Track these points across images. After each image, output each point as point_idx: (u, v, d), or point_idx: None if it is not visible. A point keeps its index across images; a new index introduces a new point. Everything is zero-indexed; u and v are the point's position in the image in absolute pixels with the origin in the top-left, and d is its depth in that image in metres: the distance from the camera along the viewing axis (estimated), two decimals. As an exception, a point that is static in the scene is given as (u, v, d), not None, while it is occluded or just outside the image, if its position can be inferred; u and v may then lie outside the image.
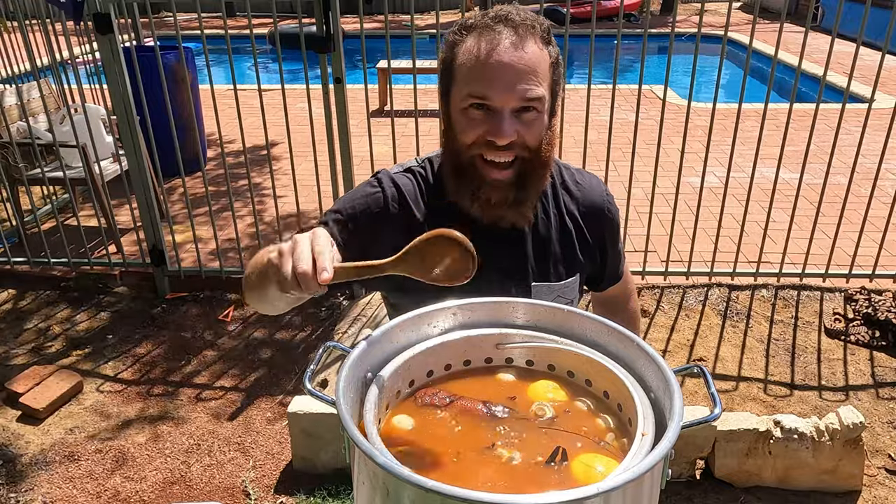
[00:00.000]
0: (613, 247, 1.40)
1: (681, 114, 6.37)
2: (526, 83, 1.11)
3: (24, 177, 3.95)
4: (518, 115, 1.14)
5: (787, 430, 2.45)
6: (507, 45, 1.11)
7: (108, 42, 3.33)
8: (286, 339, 3.51)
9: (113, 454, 2.77)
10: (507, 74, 1.11)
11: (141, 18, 5.49)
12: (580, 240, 1.33)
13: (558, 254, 1.30)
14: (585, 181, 1.36)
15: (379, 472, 0.84)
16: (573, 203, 1.33)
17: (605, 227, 1.36)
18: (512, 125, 1.13)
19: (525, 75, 1.11)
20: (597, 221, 1.34)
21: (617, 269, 1.46)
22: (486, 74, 1.12)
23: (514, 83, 1.11)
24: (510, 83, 1.11)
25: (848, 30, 7.72)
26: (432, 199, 1.27)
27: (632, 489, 0.84)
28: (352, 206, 1.27)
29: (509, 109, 1.13)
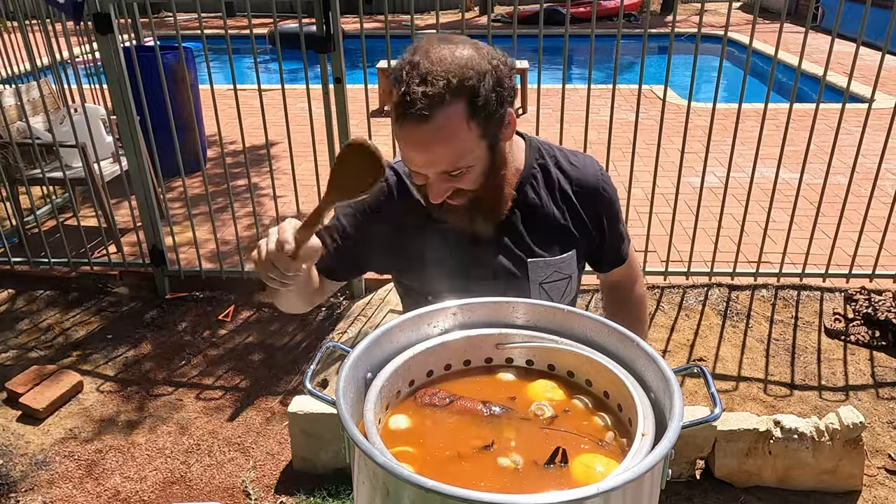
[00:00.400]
0: (611, 225, 1.43)
1: (681, 114, 6.36)
2: (438, 161, 1.14)
3: (24, 177, 3.95)
4: (446, 175, 1.17)
5: (787, 430, 2.45)
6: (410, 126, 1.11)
7: (108, 42, 3.33)
8: (286, 339, 3.51)
9: (113, 454, 2.77)
10: (418, 159, 1.15)
11: (141, 18, 5.49)
12: (574, 217, 1.36)
13: (552, 231, 1.34)
14: (579, 161, 1.39)
15: (379, 472, 0.84)
16: (567, 182, 1.36)
17: (601, 206, 1.39)
18: (441, 187, 1.18)
19: (435, 156, 1.14)
20: (591, 200, 1.38)
21: (618, 250, 1.48)
22: (405, 156, 1.17)
23: (428, 164, 1.15)
24: (424, 165, 1.15)
25: (848, 30, 7.72)
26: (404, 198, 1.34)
27: (632, 489, 0.84)
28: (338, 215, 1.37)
29: (434, 176, 1.17)
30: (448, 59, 1.11)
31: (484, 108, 1.13)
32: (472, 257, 1.32)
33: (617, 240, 1.46)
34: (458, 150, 1.14)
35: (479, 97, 1.12)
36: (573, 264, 1.38)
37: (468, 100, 1.11)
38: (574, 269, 1.39)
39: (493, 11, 13.20)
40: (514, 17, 3.08)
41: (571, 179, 1.37)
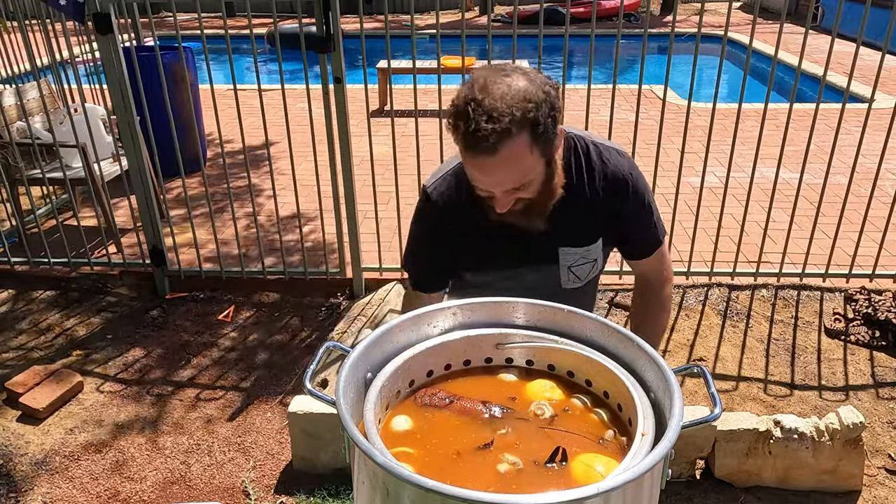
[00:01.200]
0: (638, 220, 1.53)
1: (681, 114, 6.36)
2: (506, 182, 1.27)
3: (24, 177, 3.95)
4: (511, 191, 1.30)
5: (787, 430, 2.45)
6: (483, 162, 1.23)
7: (108, 42, 3.33)
8: (286, 339, 3.51)
9: (113, 454, 2.77)
10: (488, 181, 1.28)
11: (141, 18, 5.49)
12: (600, 210, 1.47)
13: (581, 223, 1.47)
14: (612, 158, 1.48)
15: (379, 472, 0.84)
16: (597, 176, 1.46)
17: (627, 201, 1.48)
18: (506, 198, 1.31)
19: (503, 178, 1.26)
20: (617, 195, 1.47)
21: (645, 244, 1.58)
22: (475, 179, 1.30)
23: (497, 184, 1.28)
24: (493, 185, 1.29)
25: (848, 30, 7.72)
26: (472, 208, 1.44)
27: (632, 489, 0.84)
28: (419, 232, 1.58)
29: (500, 193, 1.30)
30: (508, 94, 1.20)
31: (543, 133, 1.24)
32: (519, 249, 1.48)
33: (643, 233, 1.56)
34: (522, 172, 1.27)
35: (539, 125, 1.23)
36: (598, 250, 1.51)
37: (530, 129, 1.22)
38: (599, 254, 1.52)
39: (493, 11, 13.19)
40: (514, 17, 3.08)
41: (601, 175, 1.46)
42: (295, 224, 4.44)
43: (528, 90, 1.22)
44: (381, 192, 4.22)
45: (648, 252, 1.59)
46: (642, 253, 1.60)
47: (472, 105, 1.20)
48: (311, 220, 4.51)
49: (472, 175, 1.30)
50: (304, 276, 3.83)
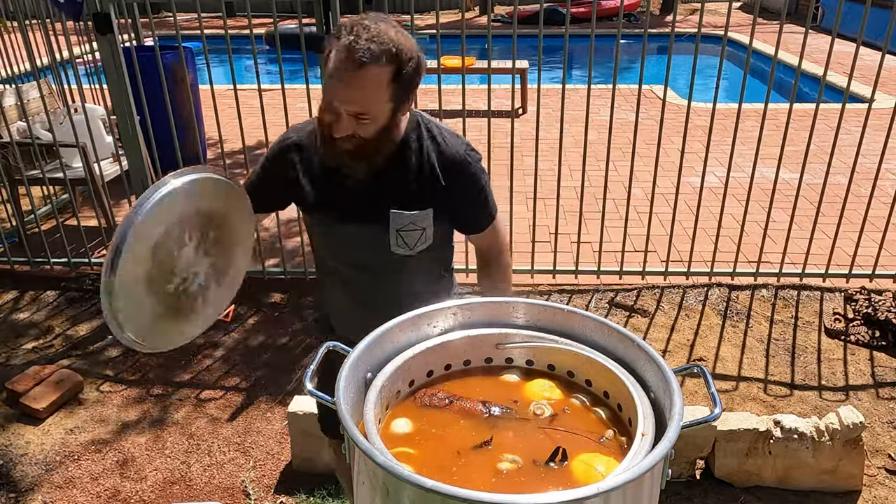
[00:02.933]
0: (469, 198, 1.65)
1: (681, 114, 6.36)
2: (355, 103, 1.42)
3: (24, 177, 3.95)
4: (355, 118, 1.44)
5: (787, 430, 2.45)
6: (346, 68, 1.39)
7: (108, 42, 3.33)
8: (286, 339, 3.51)
9: (113, 454, 2.77)
10: (342, 93, 1.42)
11: (141, 18, 5.49)
12: (434, 183, 1.59)
13: (414, 190, 1.59)
14: (450, 141, 1.63)
15: (379, 472, 0.84)
16: (434, 154, 1.61)
17: (460, 180, 1.61)
18: (347, 124, 1.45)
19: (356, 97, 1.42)
20: (451, 174, 1.60)
21: (475, 220, 1.70)
22: (330, 86, 1.44)
23: (347, 100, 1.42)
24: (344, 99, 1.43)
25: (848, 30, 7.71)
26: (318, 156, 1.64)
27: (632, 489, 0.84)
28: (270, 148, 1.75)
29: (346, 114, 1.44)
30: (392, 34, 1.41)
31: (402, 82, 1.44)
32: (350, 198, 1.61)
33: (476, 212, 1.69)
34: (371, 100, 1.43)
35: (404, 72, 1.42)
36: (428, 220, 1.61)
37: (395, 70, 1.41)
38: (429, 225, 1.62)
39: (493, 11, 13.19)
40: (514, 17, 3.08)
41: (439, 153, 1.61)
42: (294, 224, 4.44)
43: (408, 44, 1.43)
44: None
45: (482, 228, 1.71)
46: (475, 228, 1.71)
47: (361, 27, 1.39)
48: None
49: (329, 90, 1.44)
50: (305, 276, 3.82)
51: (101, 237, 4.15)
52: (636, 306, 3.60)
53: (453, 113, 6.75)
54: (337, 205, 1.63)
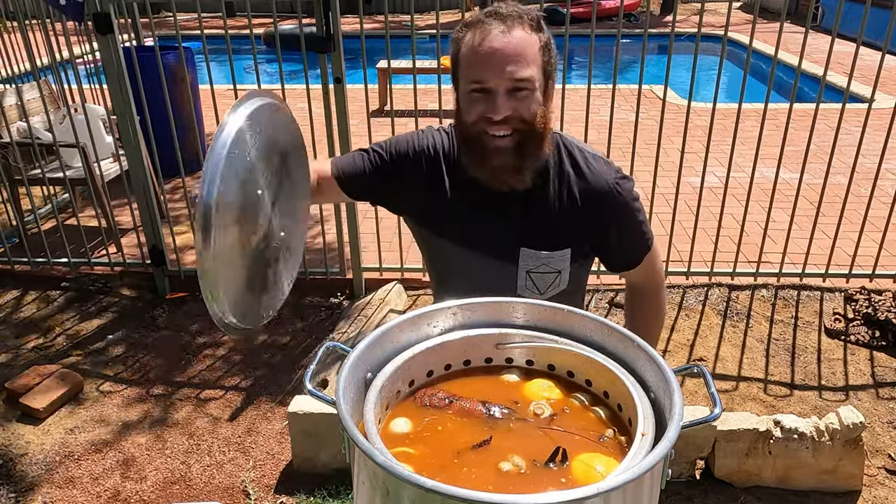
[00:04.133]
0: (621, 231, 1.44)
1: (681, 114, 6.35)
2: (514, 65, 1.26)
3: (25, 177, 3.95)
4: (512, 94, 1.28)
5: (787, 430, 2.45)
6: (496, 33, 1.27)
7: (108, 42, 3.33)
8: (286, 339, 3.51)
9: (113, 454, 2.77)
10: (497, 59, 1.26)
11: (141, 18, 5.49)
12: (575, 217, 1.40)
13: (550, 227, 1.39)
14: (595, 165, 1.42)
15: (379, 472, 0.84)
16: (576, 182, 1.40)
17: (608, 211, 1.41)
18: (506, 103, 1.28)
19: (513, 58, 1.26)
20: (597, 203, 1.40)
21: (630, 255, 1.50)
22: (480, 61, 1.28)
23: (504, 66, 1.26)
24: (500, 67, 1.26)
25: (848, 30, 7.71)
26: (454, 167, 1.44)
27: (632, 489, 0.84)
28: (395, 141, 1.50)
29: (503, 89, 1.27)
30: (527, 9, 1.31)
31: (547, 51, 1.31)
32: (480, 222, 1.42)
33: (627, 245, 1.47)
34: (530, 60, 1.28)
35: (546, 44, 1.31)
36: (565, 262, 1.42)
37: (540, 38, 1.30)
38: (565, 266, 1.42)
39: (493, 11, 13.14)
40: (514, 17, 3.08)
41: (581, 180, 1.40)
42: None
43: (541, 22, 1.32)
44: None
45: (631, 265, 1.51)
46: (624, 265, 1.52)
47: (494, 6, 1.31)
48: (311, 219, 4.51)
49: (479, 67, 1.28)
50: (305, 276, 3.83)
51: (101, 237, 4.15)
52: (636, 306, 3.60)
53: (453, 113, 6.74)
54: (463, 229, 1.42)
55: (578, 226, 1.40)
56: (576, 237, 1.41)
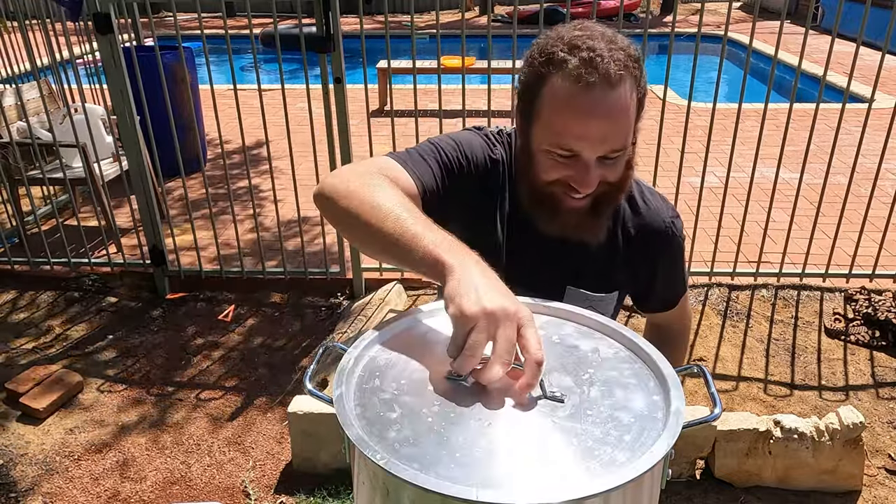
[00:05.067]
0: (666, 272, 1.33)
1: (681, 114, 6.36)
2: (614, 137, 1.06)
3: (24, 177, 3.95)
4: (602, 160, 1.08)
5: (787, 430, 2.45)
6: (599, 97, 1.02)
7: (108, 42, 3.33)
8: (286, 339, 3.51)
9: (113, 454, 2.77)
10: (596, 132, 1.05)
11: (141, 18, 5.49)
12: (626, 257, 1.27)
13: (600, 266, 1.26)
14: (652, 202, 1.29)
15: (379, 472, 0.84)
16: (631, 220, 1.27)
17: (659, 253, 1.30)
18: (597, 174, 1.08)
19: (614, 129, 1.05)
20: (651, 243, 1.28)
21: (670, 295, 1.40)
22: (575, 132, 1.05)
23: (604, 139, 1.05)
24: (599, 140, 1.05)
25: (848, 30, 7.71)
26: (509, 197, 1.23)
27: (632, 489, 0.84)
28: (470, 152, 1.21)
29: (595, 159, 1.07)
30: (619, 39, 1.05)
31: (641, 91, 1.08)
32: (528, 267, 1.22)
33: (670, 285, 1.38)
34: (628, 126, 1.06)
35: (641, 81, 1.07)
36: (611, 305, 1.32)
37: (639, 90, 1.07)
38: (611, 310, 1.32)
39: (493, 11, 13.18)
40: (514, 17, 3.08)
41: (637, 218, 1.27)
42: (295, 224, 4.44)
43: (633, 47, 1.05)
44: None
45: (675, 302, 1.41)
46: (667, 304, 1.41)
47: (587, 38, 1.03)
48: (311, 220, 4.51)
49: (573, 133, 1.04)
50: (305, 276, 3.83)
51: (101, 237, 4.15)
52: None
53: (453, 113, 6.74)
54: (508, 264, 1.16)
55: (630, 266, 1.28)
56: (627, 279, 1.30)
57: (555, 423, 0.95)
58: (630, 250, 1.27)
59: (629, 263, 1.28)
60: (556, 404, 0.99)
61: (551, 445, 0.91)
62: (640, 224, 1.26)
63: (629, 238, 1.26)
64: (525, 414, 0.98)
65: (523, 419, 0.97)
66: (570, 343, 1.15)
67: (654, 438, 0.90)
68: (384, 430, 0.92)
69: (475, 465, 0.87)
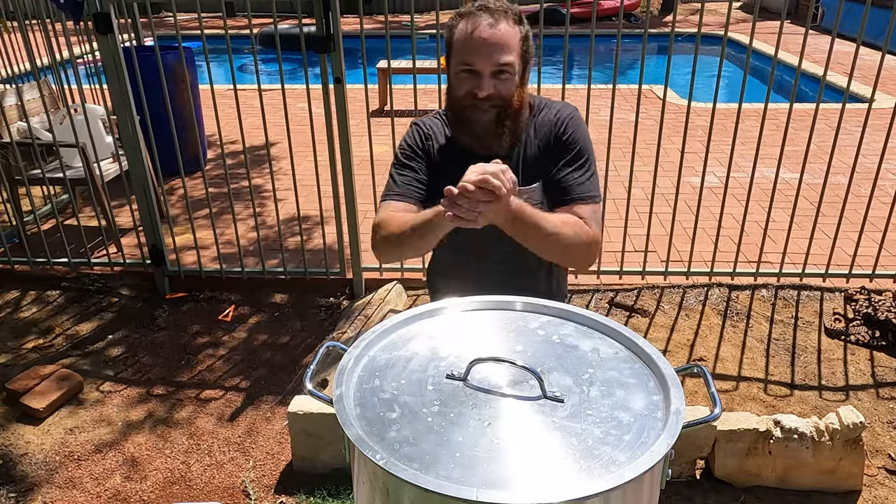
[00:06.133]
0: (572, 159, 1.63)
1: (681, 114, 6.36)
2: (498, 53, 1.52)
3: (24, 177, 3.95)
4: (494, 76, 1.53)
5: (787, 430, 2.45)
6: (485, 25, 1.52)
7: (108, 42, 3.33)
8: (286, 338, 3.51)
9: (113, 454, 2.78)
10: (485, 47, 1.52)
11: (141, 18, 5.49)
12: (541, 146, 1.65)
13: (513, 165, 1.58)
14: (555, 105, 1.69)
15: (379, 472, 0.84)
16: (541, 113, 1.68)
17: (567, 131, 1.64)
18: (489, 83, 1.53)
19: (498, 47, 1.52)
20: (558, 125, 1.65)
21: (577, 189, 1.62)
22: (470, 48, 1.53)
23: (491, 53, 1.51)
24: (488, 53, 1.52)
25: (848, 30, 7.71)
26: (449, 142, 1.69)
27: (632, 489, 0.84)
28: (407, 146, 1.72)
29: (488, 72, 1.53)
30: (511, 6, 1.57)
31: (526, 42, 1.57)
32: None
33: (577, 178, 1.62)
34: (512, 50, 1.53)
35: (526, 36, 1.57)
36: (540, 192, 1.64)
37: (520, 30, 1.56)
38: (541, 199, 1.64)
39: (493, 11, 13.11)
40: (514, 17, 3.08)
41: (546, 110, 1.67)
42: (295, 224, 4.44)
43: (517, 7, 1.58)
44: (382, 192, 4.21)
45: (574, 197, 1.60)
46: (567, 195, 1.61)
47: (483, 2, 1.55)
48: (310, 219, 4.51)
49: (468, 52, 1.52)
50: (305, 275, 3.83)
51: (101, 237, 4.15)
52: (636, 306, 3.61)
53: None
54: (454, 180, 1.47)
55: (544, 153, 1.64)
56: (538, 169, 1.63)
57: (555, 423, 0.95)
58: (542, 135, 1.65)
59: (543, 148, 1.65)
60: (556, 404, 0.99)
61: (551, 445, 0.91)
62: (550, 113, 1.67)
63: (542, 125, 1.66)
64: (525, 414, 0.98)
65: (523, 419, 0.97)
66: (570, 343, 1.15)
67: (654, 438, 0.90)
68: (384, 430, 0.92)
69: (475, 465, 0.87)
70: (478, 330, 1.20)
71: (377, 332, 1.14)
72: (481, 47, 1.51)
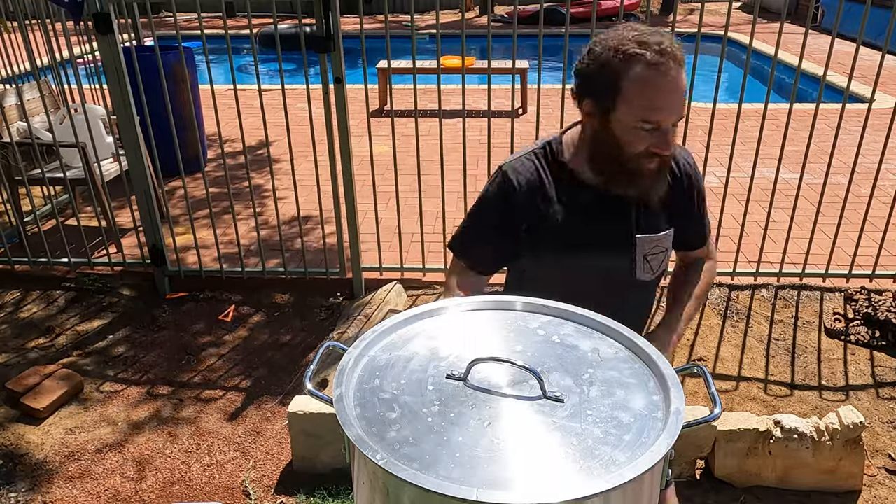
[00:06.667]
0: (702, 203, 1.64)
1: (681, 114, 6.34)
2: (680, 107, 1.40)
3: (25, 177, 3.95)
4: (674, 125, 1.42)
5: (787, 429, 2.45)
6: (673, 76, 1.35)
7: (108, 42, 3.33)
8: (286, 338, 3.51)
9: (113, 454, 2.78)
10: (673, 103, 1.37)
11: (141, 18, 5.49)
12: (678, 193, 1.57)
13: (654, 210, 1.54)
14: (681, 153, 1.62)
15: (379, 472, 0.84)
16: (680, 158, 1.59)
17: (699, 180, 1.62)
18: (670, 137, 1.41)
19: (681, 101, 1.39)
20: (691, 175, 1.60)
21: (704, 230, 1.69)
22: (660, 105, 1.36)
23: (678, 109, 1.38)
24: (676, 110, 1.38)
25: (848, 30, 7.71)
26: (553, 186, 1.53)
27: (632, 489, 0.84)
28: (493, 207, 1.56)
29: (669, 125, 1.39)
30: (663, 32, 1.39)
31: None
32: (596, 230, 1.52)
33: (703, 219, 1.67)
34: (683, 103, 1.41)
35: None
36: (671, 238, 1.58)
37: None
38: (670, 245, 1.60)
39: (493, 11, 13.20)
40: (514, 17, 3.08)
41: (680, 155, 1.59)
42: (295, 224, 4.44)
43: None
44: (381, 192, 4.22)
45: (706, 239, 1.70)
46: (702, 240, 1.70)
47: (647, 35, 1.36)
48: (311, 219, 4.51)
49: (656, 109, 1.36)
50: (305, 275, 3.83)
51: (101, 237, 4.15)
52: (636, 306, 3.60)
53: (453, 113, 6.74)
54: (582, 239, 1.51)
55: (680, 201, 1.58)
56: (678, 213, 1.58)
57: (555, 423, 0.95)
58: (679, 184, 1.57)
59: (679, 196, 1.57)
60: (556, 404, 0.99)
61: (551, 445, 0.91)
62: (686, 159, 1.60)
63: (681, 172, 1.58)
64: (525, 414, 0.98)
65: (523, 419, 0.97)
66: (570, 343, 1.15)
67: (654, 438, 0.90)
68: (384, 430, 0.92)
69: (475, 465, 0.87)
70: (478, 330, 1.20)
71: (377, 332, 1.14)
72: (672, 106, 1.36)
